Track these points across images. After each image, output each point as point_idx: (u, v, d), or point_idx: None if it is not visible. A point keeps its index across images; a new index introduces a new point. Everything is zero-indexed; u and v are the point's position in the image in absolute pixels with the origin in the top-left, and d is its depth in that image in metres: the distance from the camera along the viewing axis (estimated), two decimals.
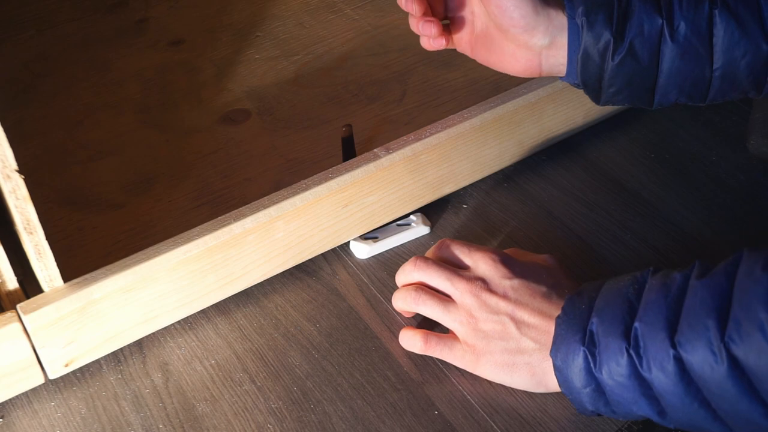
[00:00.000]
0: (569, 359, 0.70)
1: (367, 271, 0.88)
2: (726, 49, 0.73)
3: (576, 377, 0.70)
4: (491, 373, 0.76)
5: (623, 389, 0.68)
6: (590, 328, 0.70)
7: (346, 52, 1.11)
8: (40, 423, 0.77)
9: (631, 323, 0.68)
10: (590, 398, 0.71)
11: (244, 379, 0.80)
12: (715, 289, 0.65)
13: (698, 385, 0.65)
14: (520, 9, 0.75)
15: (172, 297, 0.80)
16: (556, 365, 0.71)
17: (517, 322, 0.74)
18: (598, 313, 0.70)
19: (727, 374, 0.63)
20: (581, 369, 0.70)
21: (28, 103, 1.05)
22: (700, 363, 0.64)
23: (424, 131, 0.89)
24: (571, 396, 0.72)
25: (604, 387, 0.69)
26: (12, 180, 0.69)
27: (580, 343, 0.70)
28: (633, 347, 0.67)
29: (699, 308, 0.65)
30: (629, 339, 0.67)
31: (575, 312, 0.72)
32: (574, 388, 0.71)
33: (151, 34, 1.15)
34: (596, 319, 0.70)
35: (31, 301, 0.75)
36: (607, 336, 0.69)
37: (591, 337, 0.69)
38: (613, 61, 0.75)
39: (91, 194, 0.94)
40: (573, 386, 0.71)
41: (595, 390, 0.70)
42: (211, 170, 0.96)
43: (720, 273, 0.66)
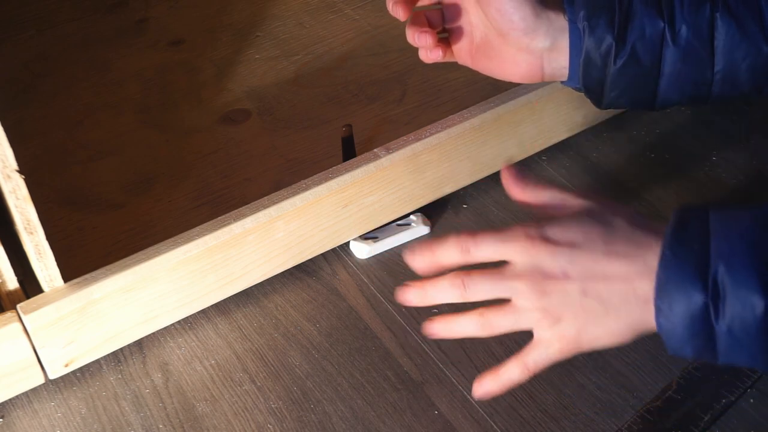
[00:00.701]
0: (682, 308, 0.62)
1: (367, 271, 0.88)
2: (727, 51, 0.73)
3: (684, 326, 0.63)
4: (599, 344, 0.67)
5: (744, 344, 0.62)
6: (714, 276, 0.62)
7: (346, 52, 1.11)
8: (40, 423, 0.77)
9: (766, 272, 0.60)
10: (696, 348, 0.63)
11: (244, 379, 0.80)
12: None
13: None
14: (520, 12, 0.74)
15: (172, 297, 0.80)
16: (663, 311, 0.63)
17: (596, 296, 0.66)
18: (721, 258, 0.62)
19: None
20: (695, 319, 0.62)
21: (28, 103, 1.05)
22: None
23: (424, 131, 0.89)
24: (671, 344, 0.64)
25: (718, 338, 0.62)
26: (12, 180, 0.69)
27: (701, 292, 0.62)
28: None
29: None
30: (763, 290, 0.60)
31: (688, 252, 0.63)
32: (679, 337, 0.63)
33: (151, 34, 1.15)
34: (723, 267, 0.62)
35: (31, 301, 0.75)
36: (738, 288, 0.61)
37: (715, 286, 0.61)
38: (615, 65, 0.75)
39: (91, 194, 0.94)
40: (678, 335, 0.63)
41: (706, 340, 0.63)
42: (211, 170, 0.96)
43: None
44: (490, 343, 0.81)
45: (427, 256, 0.70)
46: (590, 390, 0.78)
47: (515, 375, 0.69)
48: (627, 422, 0.75)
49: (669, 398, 0.77)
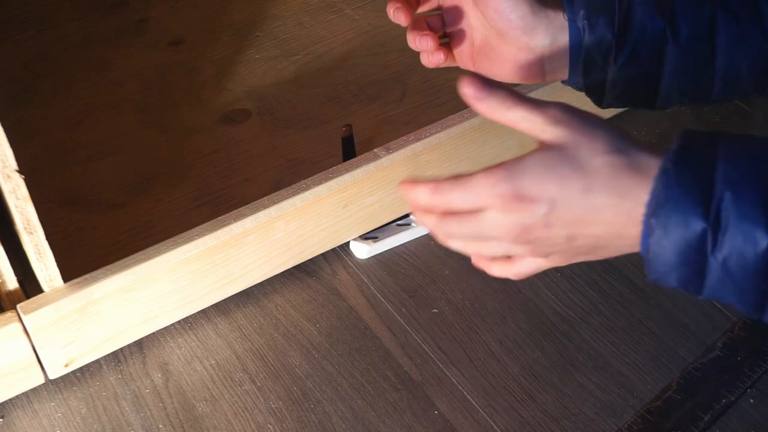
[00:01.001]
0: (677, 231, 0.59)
1: (367, 271, 0.88)
2: (728, 51, 0.73)
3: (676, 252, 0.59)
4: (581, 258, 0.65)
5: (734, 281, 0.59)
6: (718, 203, 0.58)
7: (346, 52, 1.11)
8: (40, 423, 0.77)
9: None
10: (681, 277, 0.60)
11: (244, 379, 0.80)
12: None
13: None
14: (517, 10, 0.74)
15: (172, 297, 0.80)
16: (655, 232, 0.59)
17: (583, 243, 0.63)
18: (729, 185, 0.58)
19: None
20: (689, 246, 0.59)
21: (28, 103, 1.05)
22: None
23: (424, 131, 0.89)
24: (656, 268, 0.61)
25: (709, 271, 0.59)
26: (12, 180, 0.69)
27: (701, 219, 0.58)
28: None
29: None
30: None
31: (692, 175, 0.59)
32: (668, 262, 0.60)
33: (151, 34, 1.15)
34: (729, 195, 0.58)
35: (31, 301, 0.75)
36: (743, 219, 0.57)
37: (718, 214, 0.58)
38: (615, 64, 0.74)
39: (91, 194, 0.94)
40: (666, 260, 0.60)
41: (695, 271, 0.60)
42: (211, 170, 0.96)
43: None
44: (490, 343, 0.81)
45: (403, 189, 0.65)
46: (590, 390, 0.78)
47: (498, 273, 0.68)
48: (627, 422, 0.75)
49: (669, 398, 0.77)
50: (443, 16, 0.81)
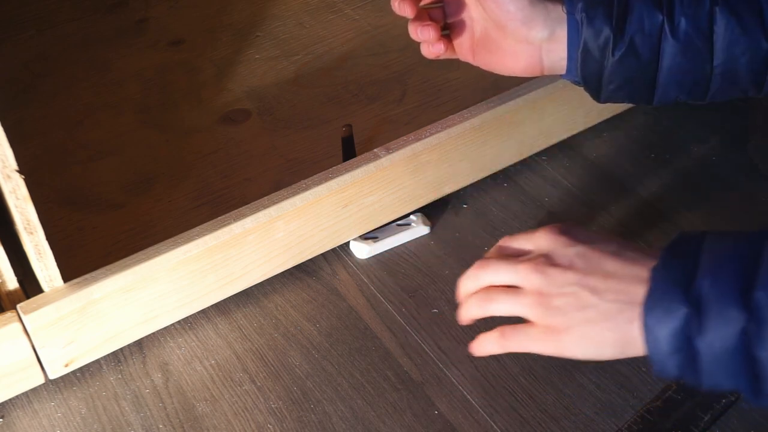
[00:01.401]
0: (665, 319, 0.63)
1: (367, 271, 0.88)
2: (726, 46, 0.73)
3: (668, 340, 0.63)
4: (577, 349, 0.68)
5: (723, 363, 0.61)
6: (699, 289, 0.61)
7: (346, 52, 1.11)
8: (40, 423, 0.77)
9: (751, 290, 0.60)
10: (678, 364, 0.63)
11: (244, 379, 0.80)
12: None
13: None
14: (516, 2, 0.75)
15: (172, 297, 0.80)
16: (647, 323, 0.63)
17: (591, 288, 0.67)
18: (709, 273, 0.62)
19: None
20: (677, 332, 0.62)
21: (28, 103, 1.05)
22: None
23: (424, 131, 0.89)
24: (655, 358, 0.64)
25: (699, 356, 0.62)
26: (12, 180, 0.69)
27: (683, 304, 0.62)
28: (754, 320, 0.59)
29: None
30: (748, 309, 0.60)
31: (677, 266, 0.64)
32: (662, 350, 0.63)
33: (151, 34, 1.15)
34: (708, 281, 0.61)
35: (31, 301, 0.75)
36: (720, 302, 0.61)
37: (698, 299, 0.61)
38: (613, 57, 0.75)
39: (91, 194, 0.94)
40: (661, 349, 0.63)
41: (687, 357, 0.63)
42: (211, 170, 0.96)
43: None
44: None
45: None
46: (590, 390, 0.78)
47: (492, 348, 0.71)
48: (627, 422, 0.75)
49: (669, 398, 0.77)
50: (445, 8, 0.81)
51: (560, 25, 0.76)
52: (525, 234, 0.74)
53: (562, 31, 0.76)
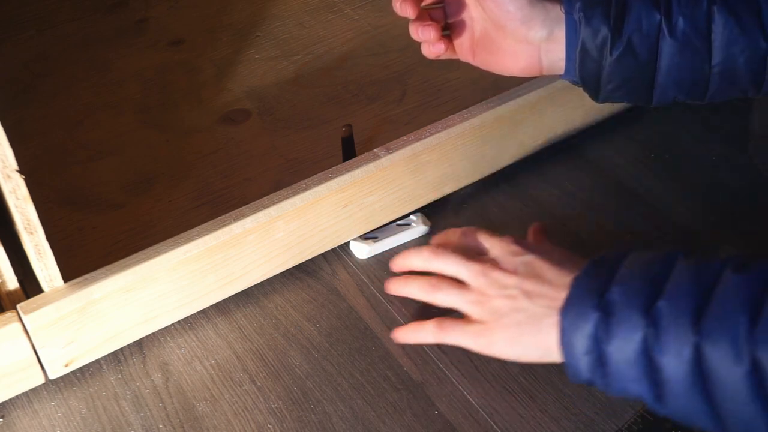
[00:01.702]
0: (578, 322, 0.67)
1: (367, 271, 0.88)
2: (724, 45, 0.73)
3: (580, 342, 0.67)
4: (504, 348, 0.73)
5: (628, 366, 0.65)
6: (609, 296, 0.66)
7: (346, 52, 1.11)
8: (41, 423, 0.77)
9: (655, 300, 0.64)
10: (588, 366, 0.67)
11: (244, 379, 0.80)
12: (753, 285, 0.62)
13: (710, 379, 0.63)
14: (515, 1, 0.75)
15: (172, 297, 0.80)
16: (563, 326, 0.68)
17: (527, 293, 0.72)
18: (620, 282, 0.67)
19: (745, 376, 0.61)
20: (588, 335, 0.66)
21: (28, 103, 1.05)
22: (719, 358, 0.62)
23: (424, 131, 0.89)
24: (568, 360, 0.68)
25: (607, 359, 0.66)
26: (12, 180, 0.69)
27: (594, 309, 0.66)
28: (653, 325, 0.64)
29: (732, 301, 0.62)
30: (649, 316, 0.64)
31: (596, 275, 0.69)
32: (575, 352, 0.68)
33: (151, 34, 1.15)
34: (618, 288, 0.66)
35: (32, 301, 0.75)
36: (626, 308, 0.65)
37: (608, 305, 0.66)
38: (611, 57, 0.75)
39: (91, 194, 0.94)
40: (574, 350, 0.68)
41: (597, 360, 0.67)
42: (211, 170, 0.96)
43: (760, 269, 0.63)
44: None
45: None
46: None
47: (427, 336, 0.75)
48: (627, 422, 0.75)
49: None
50: (445, 8, 0.81)
51: (559, 25, 0.76)
52: (487, 235, 0.78)
53: (561, 31, 0.76)
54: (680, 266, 0.67)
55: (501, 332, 0.72)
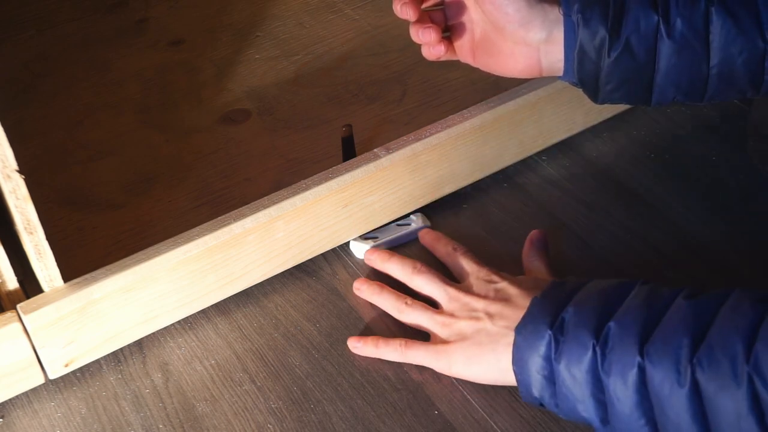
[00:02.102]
0: (532, 339, 0.70)
1: (367, 271, 0.88)
2: (722, 46, 0.73)
3: (532, 359, 0.70)
4: (462, 369, 0.76)
5: (575, 385, 0.68)
6: (563, 315, 0.69)
7: (346, 52, 1.11)
8: (40, 423, 0.77)
9: (606, 321, 0.67)
10: (539, 385, 0.70)
11: (244, 379, 0.80)
12: (699, 310, 0.65)
13: (652, 401, 0.65)
14: (514, 3, 0.75)
15: (172, 297, 0.80)
16: (517, 342, 0.71)
17: (491, 315, 0.75)
18: (575, 304, 0.70)
19: (687, 398, 0.63)
20: (540, 354, 0.69)
21: (28, 103, 1.05)
22: (661, 379, 0.64)
23: (424, 131, 0.89)
24: (520, 377, 0.71)
25: (556, 378, 0.69)
26: (12, 180, 0.69)
27: (548, 327, 0.69)
28: (600, 345, 0.66)
29: (678, 325, 0.65)
30: (599, 336, 0.67)
31: (553, 296, 0.72)
32: (527, 370, 0.70)
33: (151, 34, 1.15)
34: (572, 309, 0.69)
35: (31, 301, 0.75)
36: (577, 327, 0.68)
37: (561, 324, 0.69)
38: (609, 58, 0.75)
39: (91, 194, 0.93)
40: (526, 368, 0.70)
41: (547, 378, 0.69)
42: (211, 170, 0.96)
43: (708, 298, 0.66)
44: None
45: None
46: None
47: (390, 354, 0.79)
48: None
49: None
50: (445, 10, 0.81)
51: (557, 27, 0.76)
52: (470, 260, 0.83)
53: (560, 32, 0.76)
54: (636, 291, 0.69)
55: (460, 353, 0.76)
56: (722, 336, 0.63)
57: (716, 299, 0.66)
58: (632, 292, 0.70)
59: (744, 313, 0.63)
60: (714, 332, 0.63)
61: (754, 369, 0.61)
